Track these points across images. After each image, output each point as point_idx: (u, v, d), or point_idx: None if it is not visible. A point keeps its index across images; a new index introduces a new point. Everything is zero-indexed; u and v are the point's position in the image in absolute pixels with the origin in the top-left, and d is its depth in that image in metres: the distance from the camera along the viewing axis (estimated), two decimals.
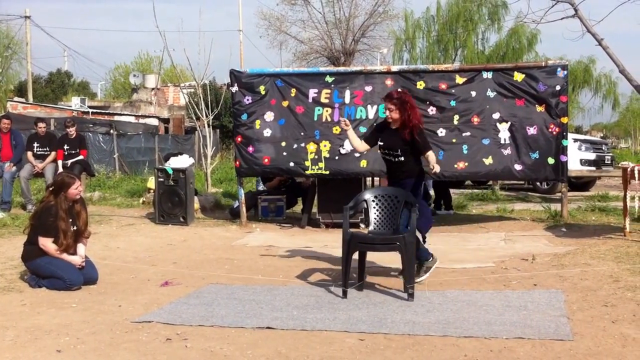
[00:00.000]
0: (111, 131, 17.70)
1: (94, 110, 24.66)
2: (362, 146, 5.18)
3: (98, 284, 4.86)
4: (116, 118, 22.90)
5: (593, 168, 12.02)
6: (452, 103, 7.43)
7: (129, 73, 34.70)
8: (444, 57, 26.50)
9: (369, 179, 8.50)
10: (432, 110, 7.45)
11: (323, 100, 7.71)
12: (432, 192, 9.23)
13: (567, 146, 7.32)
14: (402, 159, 4.86)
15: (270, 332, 3.65)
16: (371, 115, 7.59)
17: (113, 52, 79.76)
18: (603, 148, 12.95)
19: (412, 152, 4.87)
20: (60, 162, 9.49)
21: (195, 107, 11.39)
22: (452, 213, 8.91)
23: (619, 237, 6.47)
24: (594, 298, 4.23)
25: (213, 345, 3.42)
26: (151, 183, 9.37)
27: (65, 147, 9.70)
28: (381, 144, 4.97)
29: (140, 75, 29.80)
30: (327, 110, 7.69)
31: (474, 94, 7.41)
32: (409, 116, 4.78)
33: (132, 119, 23.81)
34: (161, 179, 8.26)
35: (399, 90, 5.32)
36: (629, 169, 6.55)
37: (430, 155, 4.84)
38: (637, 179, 6.38)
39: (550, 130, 7.25)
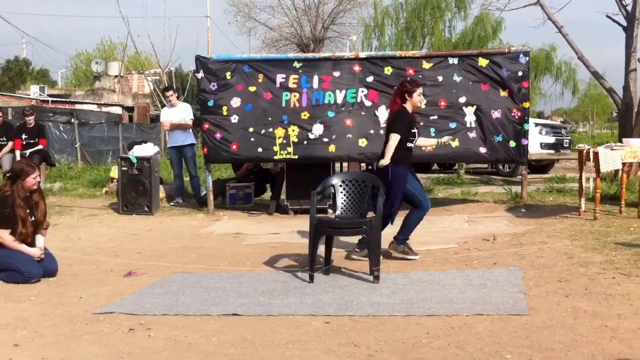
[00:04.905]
0: (72, 120, 17.22)
1: (54, 99, 23.95)
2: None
3: (58, 276, 4.76)
4: (78, 107, 22.28)
5: (552, 151, 12.32)
6: None
7: (91, 60, 33.72)
8: (412, 44, 26.62)
9: (337, 164, 8.52)
10: None
11: (291, 85, 7.66)
12: None
13: (528, 130, 7.47)
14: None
15: (236, 318, 3.65)
16: (339, 100, 7.58)
17: (74, 38, 77.32)
18: (562, 132, 13.30)
19: None
20: (18, 152, 9.24)
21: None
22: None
23: (574, 217, 6.68)
24: (549, 274, 4.38)
25: (177, 334, 3.40)
26: (114, 172, 9.18)
27: (24, 136, 9.44)
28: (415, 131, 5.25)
29: (102, 63, 29.03)
30: (295, 96, 7.64)
31: (440, 78, 7.48)
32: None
33: (94, 108, 23.23)
34: (124, 168, 8.08)
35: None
36: (584, 151, 6.72)
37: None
38: (592, 160, 6.55)
39: (512, 114, 7.38)
